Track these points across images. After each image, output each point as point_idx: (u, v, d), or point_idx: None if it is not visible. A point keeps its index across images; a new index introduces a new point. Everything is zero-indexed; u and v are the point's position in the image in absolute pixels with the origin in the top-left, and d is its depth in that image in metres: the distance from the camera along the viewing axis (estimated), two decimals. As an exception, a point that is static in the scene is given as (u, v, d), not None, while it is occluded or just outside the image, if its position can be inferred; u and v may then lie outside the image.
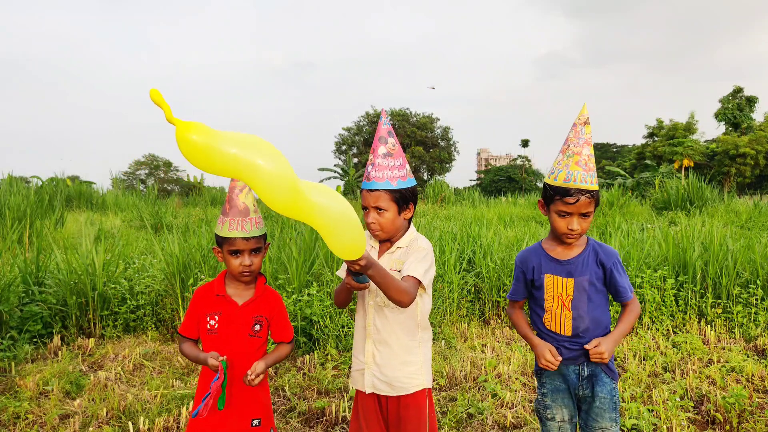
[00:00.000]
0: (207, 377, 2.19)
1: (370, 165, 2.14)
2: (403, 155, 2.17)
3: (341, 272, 2.31)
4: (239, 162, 1.46)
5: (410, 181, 2.15)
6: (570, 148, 2.11)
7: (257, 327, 2.20)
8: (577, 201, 2.05)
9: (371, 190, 2.11)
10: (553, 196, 2.10)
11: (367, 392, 2.19)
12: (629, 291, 2.18)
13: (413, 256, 2.11)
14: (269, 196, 1.50)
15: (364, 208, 2.16)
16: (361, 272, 1.86)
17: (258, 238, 2.15)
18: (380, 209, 2.11)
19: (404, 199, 2.14)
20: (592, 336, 2.14)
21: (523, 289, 2.30)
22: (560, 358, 2.12)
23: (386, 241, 2.23)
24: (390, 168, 2.11)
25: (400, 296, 1.95)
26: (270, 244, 2.30)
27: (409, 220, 2.23)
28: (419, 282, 2.06)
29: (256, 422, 2.19)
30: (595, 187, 2.09)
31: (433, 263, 2.16)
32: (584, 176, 2.06)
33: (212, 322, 2.18)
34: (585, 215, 2.09)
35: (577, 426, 2.29)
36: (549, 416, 2.24)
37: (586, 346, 2.09)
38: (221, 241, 2.15)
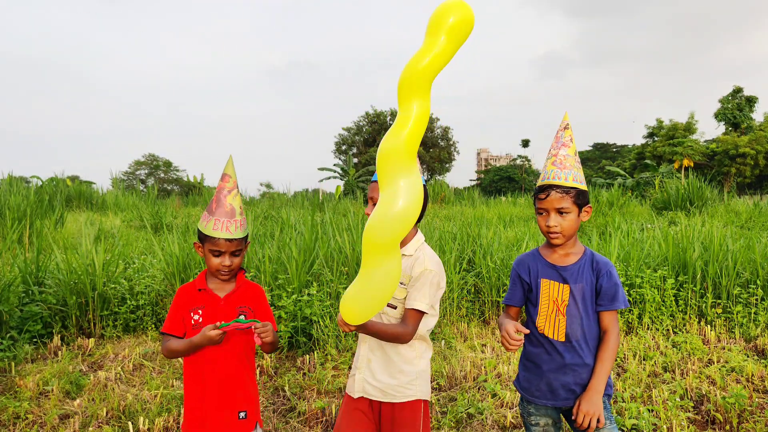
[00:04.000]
0: (190, 380, 2.18)
1: None
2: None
3: None
4: (389, 186, 1.68)
5: (423, 180, 2.19)
6: (550, 152, 2.20)
7: (242, 317, 2.21)
8: (548, 196, 2.10)
9: None
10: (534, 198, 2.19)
11: (355, 396, 2.17)
12: (619, 301, 2.11)
13: (420, 283, 2.10)
14: (372, 230, 1.70)
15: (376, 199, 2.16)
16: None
17: (240, 240, 2.19)
18: None
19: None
20: (583, 345, 2.10)
21: (519, 294, 2.26)
22: (521, 338, 2.03)
23: None
24: None
25: (396, 340, 2.06)
26: (250, 242, 2.33)
27: (416, 224, 2.22)
28: (421, 313, 2.09)
29: (242, 414, 2.19)
30: (570, 183, 2.11)
31: (441, 284, 2.17)
32: (557, 173, 2.11)
33: (196, 317, 2.20)
34: (561, 212, 2.10)
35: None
36: (533, 422, 2.24)
37: (577, 424, 2.01)
38: (204, 237, 2.19)
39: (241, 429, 2.19)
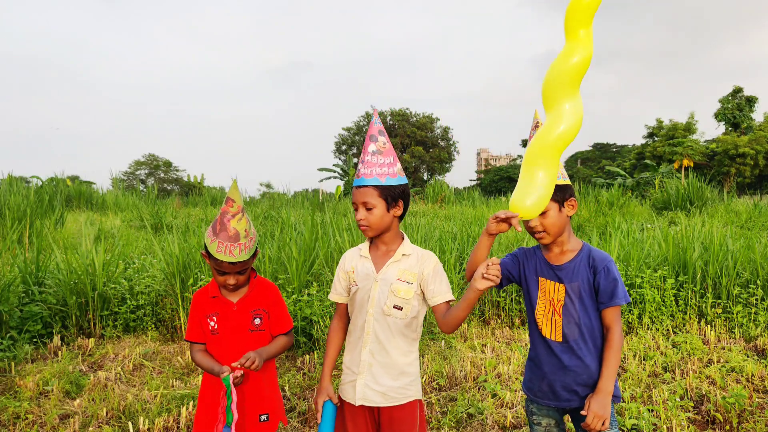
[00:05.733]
0: (209, 384, 2.21)
1: (361, 163, 2.14)
2: (395, 154, 2.16)
3: (334, 296, 2.28)
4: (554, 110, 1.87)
5: (400, 179, 2.14)
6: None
7: (257, 321, 2.24)
8: None
9: (359, 187, 2.12)
10: None
11: (357, 404, 2.13)
12: (619, 297, 2.06)
13: (439, 278, 2.14)
14: (536, 145, 1.91)
15: (354, 205, 2.15)
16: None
17: (244, 261, 2.17)
18: (368, 206, 2.09)
19: (393, 195, 2.11)
20: (581, 345, 2.08)
21: (512, 266, 2.25)
22: (516, 217, 1.94)
23: (377, 244, 2.20)
24: (379, 165, 2.11)
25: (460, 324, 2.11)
26: (259, 251, 2.33)
27: (399, 220, 2.20)
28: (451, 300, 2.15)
29: (264, 417, 2.23)
30: None
31: None
32: None
33: (212, 324, 2.22)
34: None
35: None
36: (535, 422, 2.24)
37: (584, 422, 2.00)
38: (209, 253, 2.17)
39: (264, 431, 2.23)
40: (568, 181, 2.15)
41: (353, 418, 2.16)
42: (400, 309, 2.11)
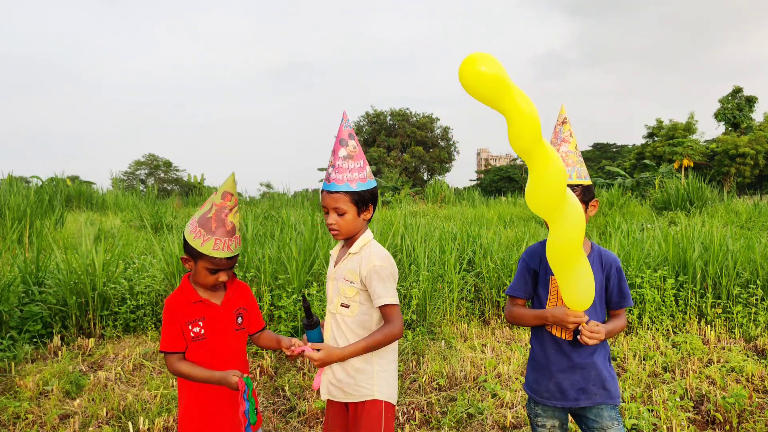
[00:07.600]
0: (194, 386, 2.16)
1: (331, 167, 2.15)
2: (364, 157, 2.18)
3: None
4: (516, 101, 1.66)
5: (370, 183, 2.16)
6: None
7: (240, 320, 2.24)
8: None
9: (331, 192, 2.13)
10: None
11: (323, 398, 2.22)
12: (629, 299, 2.15)
13: (376, 280, 2.09)
14: (518, 133, 1.68)
15: (324, 209, 2.17)
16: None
17: (238, 254, 2.18)
18: (340, 211, 2.12)
19: (363, 200, 2.15)
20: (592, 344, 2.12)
21: (526, 286, 2.21)
22: (586, 317, 2.03)
23: (345, 243, 2.26)
24: (350, 170, 2.13)
25: (393, 339, 2.10)
26: None
27: (367, 222, 2.23)
28: (395, 306, 2.09)
29: None
30: (574, 181, 2.08)
31: (394, 274, 2.15)
32: None
33: (196, 329, 2.15)
34: None
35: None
36: (539, 423, 2.23)
37: (584, 327, 2.02)
38: (198, 254, 2.09)
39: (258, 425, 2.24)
40: (589, 181, 2.15)
41: (333, 414, 2.24)
42: (347, 307, 2.14)
